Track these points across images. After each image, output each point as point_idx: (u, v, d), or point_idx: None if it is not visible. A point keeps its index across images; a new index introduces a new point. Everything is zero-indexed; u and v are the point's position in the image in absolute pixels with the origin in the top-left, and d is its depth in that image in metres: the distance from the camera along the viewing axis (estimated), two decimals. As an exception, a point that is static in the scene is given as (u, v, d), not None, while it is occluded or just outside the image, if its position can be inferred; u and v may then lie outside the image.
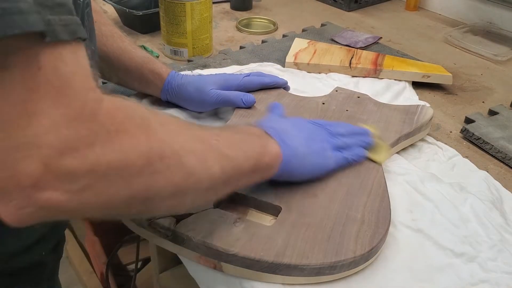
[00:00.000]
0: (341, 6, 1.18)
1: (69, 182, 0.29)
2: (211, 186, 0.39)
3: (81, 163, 0.29)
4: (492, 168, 0.65)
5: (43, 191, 0.28)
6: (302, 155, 0.50)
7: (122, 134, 0.31)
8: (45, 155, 0.28)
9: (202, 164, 0.37)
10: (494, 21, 1.08)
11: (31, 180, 0.28)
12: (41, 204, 0.29)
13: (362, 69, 0.83)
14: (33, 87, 0.27)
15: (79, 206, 0.30)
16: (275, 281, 0.45)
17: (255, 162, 0.45)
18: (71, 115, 0.28)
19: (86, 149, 0.29)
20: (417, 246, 0.51)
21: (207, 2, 0.84)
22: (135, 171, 0.32)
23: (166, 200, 0.35)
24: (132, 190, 0.32)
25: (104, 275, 1.12)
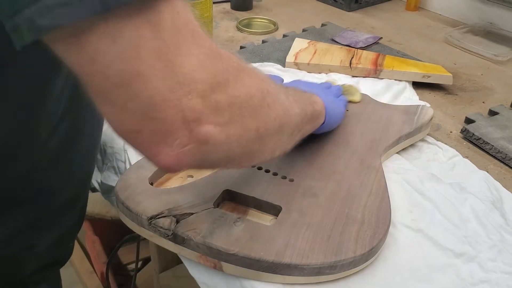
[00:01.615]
0: (342, 6, 1.18)
1: (219, 115, 0.31)
2: (296, 125, 0.43)
3: (225, 96, 0.32)
4: (492, 168, 0.65)
5: (203, 124, 0.30)
6: (331, 104, 0.56)
7: (241, 71, 0.34)
8: (201, 90, 0.30)
9: (289, 103, 0.41)
10: (495, 21, 1.08)
11: (194, 114, 0.30)
12: (201, 138, 0.31)
13: (362, 69, 0.83)
14: (179, 29, 0.29)
15: (226, 139, 0.33)
16: (275, 280, 0.45)
17: (312, 109, 0.49)
18: (208, 54, 0.31)
19: (226, 84, 0.32)
20: (417, 246, 0.51)
21: (207, 2, 0.84)
22: (257, 103, 0.35)
23: (273, 136, 0.38)
24: (257, 121, 0.35)
25: (104, 275, 1.12)
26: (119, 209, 0.51)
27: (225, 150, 0.33)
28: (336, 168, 0.56)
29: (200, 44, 0.30)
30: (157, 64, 0.28)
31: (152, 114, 0.29)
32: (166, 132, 0.30)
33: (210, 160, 0.34)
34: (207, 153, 0.32)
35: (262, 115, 0.36)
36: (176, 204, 0.49)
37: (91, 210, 1.25)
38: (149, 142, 0.31)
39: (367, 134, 0.63)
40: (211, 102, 0.31)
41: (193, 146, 0.31)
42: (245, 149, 0.36)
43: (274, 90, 0.38)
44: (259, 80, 0.36)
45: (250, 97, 0.34)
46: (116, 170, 0.65)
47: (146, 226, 0.48)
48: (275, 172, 0.55)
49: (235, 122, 0.33)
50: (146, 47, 0.28)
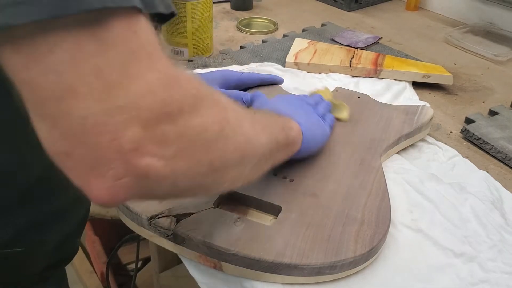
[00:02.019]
0: (342, 6, 1.18)
1: (164, 148, 0.29)
2: (262, 155, 0.41)
3: (174, 128, 0.29)
4: (492, 168, 0.65)
5: (143, 156, 0.28)
6: (311, 128, 0.53)
7: (200, 100, 0.32)
8: (144, 118, 0.27)
9: (254, 132, 0.39)
10: (494, 21, 1.08)
11: (132, 144, 0.27)
12: (140, 172, 0.28)
13: (362, 69, 0.83)
14: (131, 50, 0.27)
15: (171, 174, 0.30)
16: (275, 280, 0.45)
17: (285, 135, 0.47)
18: (163, 79, 0.29)
19: (177, 114, 0.29)
20: (417, 246, 0.51)
21: (207, 2, 0.84)
22: (213, 136, 0.32)
23: (234, 168, 0.36)
24: (211, 155, 0.33)
25: (104, 275, 1.12)
26: (119, 209, 0.51)
27: (169, 185, 0.31)
28: (336, 168, 0.56)
29: (155, 68, 0.28)
30: (95, 82, 0.26)
31: (84, 138, 0.27)
32: (98, 160, 0.27)
33: (153, 194, 0.32)
34: (148, 187, 0.30)
35: (218, 148, 0.33)
36: (176, 204, 0.49)
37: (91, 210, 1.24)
38: (79, 169, 0.28)
39: (367, 134, 0.63)
40: (156, 133, 0.28)
41: (130, 179, 0.28)
42: (196, 183, 0.33)
43: (236, 119, 0.36)
44: (220, 109, 0.34)
45: (205, 128, 0.32)
46: (116, 170, 0.65)
47: (146, 226, 0.48)
48: (275, 172, 0.55)
49: (184, 155, 0.30)
50: (85, 62, 0.26)
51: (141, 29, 0.28)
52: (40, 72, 0.26)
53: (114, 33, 0.27)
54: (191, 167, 0.31)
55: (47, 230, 0.50)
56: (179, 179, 0.31)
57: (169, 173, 0.30)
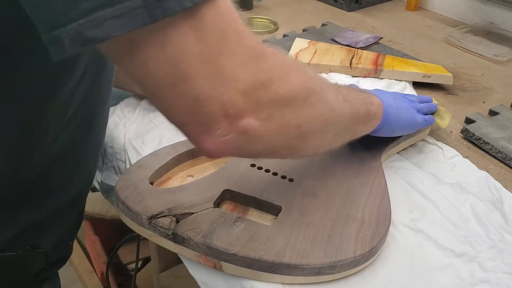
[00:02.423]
0: (342, 6, 1.18)
1: (259, 111, 0.34)
2: (343, 124, 0.44)
3: (266, 95, 0.34)
4: (492, 168, 0.65)
5: (243, 118, 0.33)
6: (396, 108, 0.56)
7: (287, 70, 0.36)
8: (242, 88, 0.32)
9: (337, 102, 0.42)
10: (495, 21, 1.08)
11: (235, 109, 0.33)
12: (241, 130, 0.34)
13: (363, 69, 0.83)
14: (222, 32, 0.31)
15: (265, 133, 0.35)
16: (275, 280, 0.45)
17: (366, 109, 0.49)
18: (251, 53, 0.33)
19: (268, 82, 0.34)
20: (417, 246, 0.51)
21: (207, 1, 0.84)
22: (300, 102, 0.37)
23: (316, 134, 0.40)
24: (297, 120, 0.37)
25: (104, 275, 1.12)
26: (119, 208, 0.51)
27: (264, 143, 0.36)
28: (336, 167, 0.56)
29: (243, 43, 0.33)
30: (201, 66, 0.31)
31: (197, 109, 0.32)
32: (209, 124, 0.33)
33: (250, 150, 0.37)
34: (247, 143, 0.35)
35: (305, 113, 0.37)
36: (176, 204, 0.49)
37: (91, 210, 1.25)
38: (194, 132, 0.34)
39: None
40: (252, 99, 0.33)
41: (233, 136, 0.34)
42: (285, 144, 0.38)
43: (321, 89, 0.39)
44: (305, 79, 0.38)
45: (293, 95, 0.36)
46: (116, 169, 0.65)
47: (146, 226, 0.48)
48: (275, 172, 0.55)
49: (276, 117, 0.35)
50: (191, 51, 0.30)
51: (225, 10, 0.32)
52: (156, 67, 0.30)
53: (207, 20, 0.31)
54: (282, 129, 0.36)
55: (42, 234, 0.51)
56: (272, 139, 0.36)
57: (264, 132, 0.35)
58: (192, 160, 0.58)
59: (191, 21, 0.30)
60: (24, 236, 0.49)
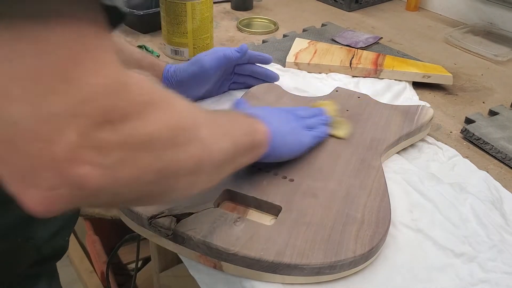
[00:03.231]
0: (342, 6, 1.18)
1: (103, 156, 0.27)
2: (221, 161, 0.40)
3: (116, 136, 0.28)
4: (492, 168, 0.65)
5: (78, 165, 0.26)
6: (283, 133, 0.53)
7: (151, 106, 0.30)
8: (82, 126, 0.26)
9: (213, 138, 0.38)
10: (495, 21, 1.08)
11: (66, 152, 0.26)
12: (75, 181, 0.26)
13: (363, 69, 0.83)
14: (75, 54, 0.26)
15: (112, 184, 0.28)
16: (275, 280, 0.45)
17: (250, 139, 0.46)
18: (108, 85, 0.27)
19: (120, 122, 0.28)
20: (417, 246, 0.51)
21: (208, 2, 0.84)
22: (163, 144, 0.31)
23: (186, 176, 0.35)
24: (160, 164, 0.31)
25: (105, 274, 1.13)
26: (119, 208, 0.51)
27: (111, 195, 0.29)
28: (336, 168, 0.56)
29: (100, 73, 0.27)
30: (30, 85, 0.25)
31: (15, 144, 0.25)
32: (31, 169, 0.26)
33: (93, 203, 0.30)
34: (87, 197, 0.28)
35: (168, 156, 0.32)
36: (176, 204, 0.49)
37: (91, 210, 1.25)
38: (13, 177, 0.26)
39: (367, 134, 0.63)
40: (93, 141, 0.26)
41: (66, 190, 0.26)
42: (141, 192, 0.32)
43: (193, 125, 0.35)
44: (174, 115, 0.33)
45: (153, 136, 0.30)
46: (116, 169, 0.65)
47: (146, 226, 0.48)
48: (275, 172, 0.55)
49: (127, 164, 0.29)
50: (21, 63, 0.24)
51: (91, 33, 0.27)
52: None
53: (56, 35, 0.25)
54: (135, 176, 0.30)
55: (35, 227, 0.50)
56: (122, 189, 0.29)
57: (109, 183, 0.28)
58: (192, 160, 0.58)
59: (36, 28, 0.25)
60: (16, 229, 0.48)
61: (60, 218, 0.55)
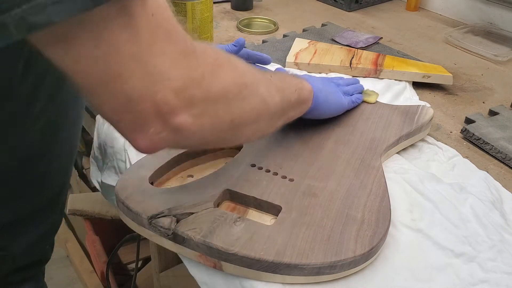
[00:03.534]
0: (342, 6, 1.18)
1: (192, 108, 0.34)
2: (275, 113, 0.46)
3: (199, 91, 0.34)
4: (492, 168, 0.65)
5: (176, 116, 0.34)
6: (325, 93, 0.59)
7: (218, 67, 0.37)
8: (174, 86, 0.33)
9: (269, 93, 0.44)
10: (495, 21, 1.08)
11: (168, 107, 0.33)
12: (174, 127, 0.34)
13: (363, 69, 0.83)
14: (153, 30, 0.32)
15: (199, 129, 0.36)
16: (275, 280, 0.45)
17: (297, 95, 0.52)
18: (181, 52, 0.33)
19: (200, 79, 0.35)
20: (417, 246, 0.51)
21: (207, 2, 0.84)
22: (232, 97, 0.38)
23: (251, 125, 0.42)
24: (232, 113, 0.38)
25: (105, 274, 1.13)
26: (119, 208, 0.51)
27: (197, 138, 0.37)
28: (336, 168, 0.56)
29: (174, 42, 0.33)
30: (134, 65, 0.31)
31: (130, 108, 0.32)
32: (142, 122, 0.33)
33: (184, 145, 0.39)
34: (180, 139, 0.36)
35: (237, 108, 0.39)
36: (176, 204, 0.49)
37: (91, 210, 1.25)
38: (128, 129, 0.34)
39: (367, 134, 0.63)
40: (185, 96, 0.34)
41: (167, 133, 0.34)
42: (219, 137, 0.39)
43: (253, 82, 0.41)
44: (237, 74, 0.39)
45: (225, 91, 0.37)
46: (116, 169, 0.65)
47: (146, 226, 0.48)
48: (275, 172, 0.55)
49: (209, 114, 0.36)
50: (123, 50, 0.30)
51: (156, 8, 0.32)
52: (90, 64, 0.30)
53: (138, 19, 0.31)
54: (215, 124, 0.37)
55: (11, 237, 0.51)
56: (206, 134, 0.37)
57: (197, 128, 0.35)
58: (192, 160, 0.58)
59: (123, 19, 0.30)
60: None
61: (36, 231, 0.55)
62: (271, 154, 0.58)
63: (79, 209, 1.25)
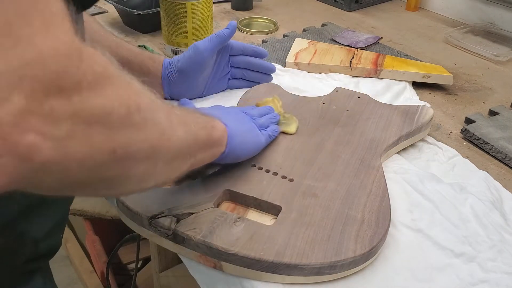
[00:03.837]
0: (342, 6, 1.18)
1: (53, 126, 0.25)
2: (179, 152, 0.38)
3: (66, 105, 0.25)
4: (492, 168, 0.65)
5: (25, 132, 0.23)
6: (241, 133, 0.52)
7: (106, 79, 0.28)
8: (30, 89, 0.23)
9: (169, 124, 0.36)
10: (495, 21, 1.08)
11: (12, 116, 0.22)
12: (21, 150, 0.23)
13: (363, 69, 0.83)
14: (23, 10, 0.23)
15: (61, 158, 0.26)
16: (275, 280, 0.45)
17: (208, 134, 0.44)
18: (60, 49, 0.25)
19: (72, 90, 0.25)
20: (417, 246, 0.51)
21: (207, 2, 0.84)
22: (117, 121, 0.29)
23: (142, 162, 0.32)
24: (114, 143, 0.29)
25: (105, 274, 1.13)
26: (119, 208, 0.51)
27: (61, 172, 0.26)
28: (336, 168, 0.56)
29: (51, 35, 0.24)
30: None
31: None
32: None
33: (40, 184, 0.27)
34: (34, 173, 0.25)
35: (123, 135, 0.29)
36: (176, 204, 0.49)
37: (91, 210, 1.25)
38: None
39: (367, 134, 0.63)
40: (43, 107, 0.24)
41: (10, 159, 0.23)
42: (94, 175, 0.29)
43: (149, 107, 0.33)
44: (130, 94, 0.31)
45: (108, 111, 0.28)
46: (116, 169, 0.65)
47: (146, 226, 0.48)
48: (275, 172, 0.55)
49: (79, 138, 0.26)
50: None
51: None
52: None
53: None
54: (88, 153, 0.27)
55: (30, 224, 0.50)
56: (73, 167, 0.27)
57: (60, 158, 0.25)
58: (192, 160, 0.58)
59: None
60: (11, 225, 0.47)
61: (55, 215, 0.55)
62: (271, 154, 0.58)
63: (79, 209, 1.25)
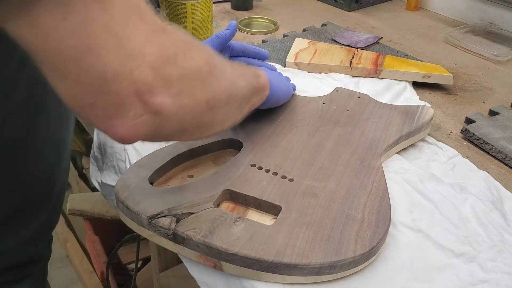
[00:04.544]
0: (342, 6, 1.18)
1: (170, 87, 0.32)
2: (243, 97, 0.46)
3: (175, 69, 0.33)
4: (492, 168, 0.65)
5: (156, 95, 0.31)
6: (276, 80, 0.60)
7: (189, 46, 0.36)
8: (150, 62, 0.31)
9: (235, 76, 0.44)
10: (495, 21, 1.08)
11: (146, 85, 0.31)
12: (155, 109, 0.32)
13: (363, 69, 0.83)
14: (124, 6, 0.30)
15: (178, 110, 0.34)
16: (275, 280, 0.45)
17: (257, 81, 0.52)
18: (153, 29, 0.32)
19: (174, 57, 0.33)
20: (417, 246, 0.51)
21: (207, 1, 0.84)
22: (206, 76, 0.37)
23: (223, 107, 0.41)
24: (207, 93, 0.37)
25: (104, 274, 1.13)
26: (119, 208, 0.51)
27: (178, 122, 0.35)
28: (336, 168, 0.56)
29: (145, 20, 0.31)
30: (107, 38, 0.29)
31: (105, 88, 0.30)
32: (120, 104, 0.31)
33: (164, 132, 0.35)
34: (161, 124, 0.33)
35: (211, 87, 0.38)
36: (176, 204, 0.49)
37: (91, 210, 1.25)
38: (103, 115, 0.31)
39: (367, 134, 0.63)
40: (162, 74, 0.32)
41: (148, 116, 0.32)
42: (197, 120, 0.37)
43: (221, 64, 0.40)
44: (207, 54, 0.38)
45: (199, 70, 0.36)
46: (116, 169, 0.65)
47: (146, 226, 0.48)
48: (275, 172, 0.55)
49: (186, 94, 0.34)
50: (95, 22, 0.29)
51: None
52: (59, 38, 0.28)
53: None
54: (193, 104, 0.35)
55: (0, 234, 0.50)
56: (184, 116, 0.35)
57: (177, 110, 0.33)
58: (192, 160, 0.58)
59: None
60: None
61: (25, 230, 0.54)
62: (271, 154, 0.58)
63: (79, 209, 1.25)
